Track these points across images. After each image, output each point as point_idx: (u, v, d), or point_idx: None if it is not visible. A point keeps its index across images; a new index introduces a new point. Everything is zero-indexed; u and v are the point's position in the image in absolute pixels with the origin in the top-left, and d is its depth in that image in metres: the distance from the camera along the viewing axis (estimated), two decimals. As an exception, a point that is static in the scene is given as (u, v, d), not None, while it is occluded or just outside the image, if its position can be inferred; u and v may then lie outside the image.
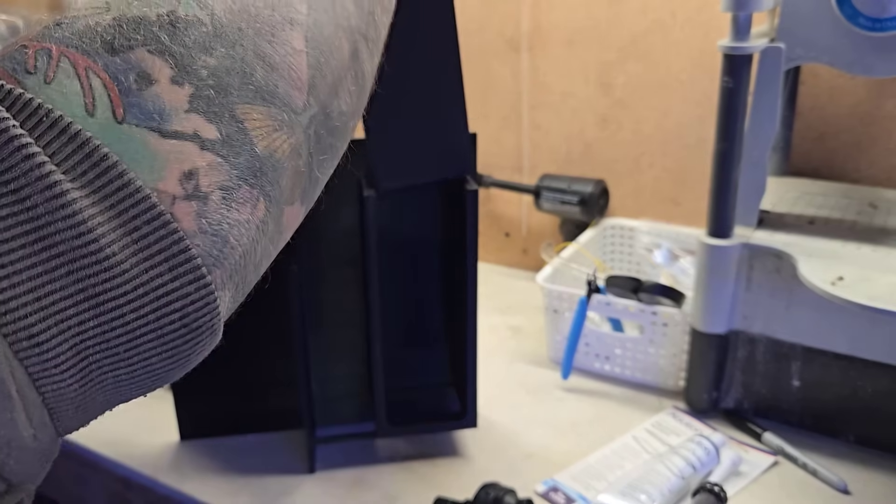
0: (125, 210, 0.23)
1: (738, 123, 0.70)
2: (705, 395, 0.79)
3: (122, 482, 0.77)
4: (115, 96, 0.24)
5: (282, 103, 0.28)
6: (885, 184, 0.90)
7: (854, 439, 0.74)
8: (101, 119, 0.24)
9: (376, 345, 0.70)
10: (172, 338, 0.25)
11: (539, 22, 1.06)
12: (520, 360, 0.94)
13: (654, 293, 0.81)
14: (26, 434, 0.23)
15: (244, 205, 0.27)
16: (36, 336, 0.22)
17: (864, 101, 0.89)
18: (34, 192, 0.22)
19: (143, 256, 0.23)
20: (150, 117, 0.24)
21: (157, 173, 0.24)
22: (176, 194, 0.24)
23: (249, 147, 0.27)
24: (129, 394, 0.27)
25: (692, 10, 0.95)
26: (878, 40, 0.64)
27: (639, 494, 0.66)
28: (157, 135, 0.24)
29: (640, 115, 1.03)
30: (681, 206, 1.04)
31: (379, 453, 0.76)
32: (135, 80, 0.24)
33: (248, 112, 0.27)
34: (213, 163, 0.25)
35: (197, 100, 0.25)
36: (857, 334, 0.70)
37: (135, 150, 0.24)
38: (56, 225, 0.22)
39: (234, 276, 0.27)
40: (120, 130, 0.24)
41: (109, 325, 0.24)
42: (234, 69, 0.26)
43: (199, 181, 0.25)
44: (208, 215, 0.25)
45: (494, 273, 1.17)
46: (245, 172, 0.26)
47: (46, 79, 0.24)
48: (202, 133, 0.25)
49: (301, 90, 0.29)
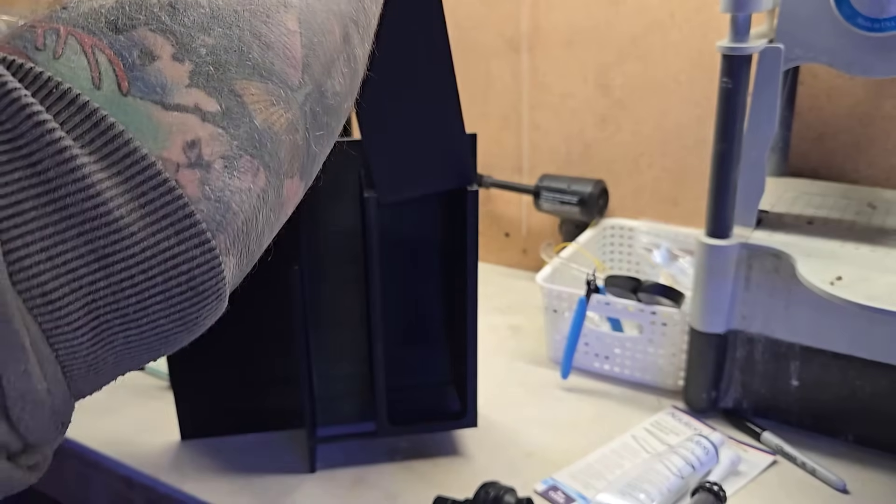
0: (132, 176, 0.24)
1: (737, 124, 0.70)
2: (704, 394, 0.79)
3: (124, 482, 0.77)
4: (120, 71, 0.25)
5: (278, 80, 0.29)
6: (883, 184, 0.90)
7: (853, 439, 0.75)
8: (107, 92, 0.25)
9: (377, 344, 0.70)
10: (179, 300, 0.26)
11: (539, 22, 1.06)
12: (519, 359, 0.94)
13: (654, 293, 0.82)
14: (40, 387, 0.24)
15: (245, 173, 0.28)
16: (49, 294, 0.23)
17: (863, 101, 0.89)
18: (45, 157, 0.23)
19: (150, 220, 0.24)
20: (154, 90, 0.26)
21: (161, 143, 0.25)
22: (180, 162, 0.25)
23: (248, 120, 0.28)
24: (139, 356, 0.28)
25: (691, 10, 0.95)
26: (877, 40, 0.65)
27: (638, 493, 0.66)
28: (160, 107, 0.25)
29: (640, 116, 1.03)
30: (680, 207, 1.04)
31: (379, 452, 0.77)
32: (138, 56, 0.26)
33: (246, 87, 0.28)
34: (214, 133, 0.27)
35: (197, 75, 0.27)
36: (855, 334, 0.70)
37: (139, 121, 0.25)
38: (67, 188, 0.23)
39: (237, 242, 0.28)
40: (125, 102, 0.25)
41: (119, 286, 0.24)
42: (231, 48, 0.28)
43: (202, 150, 0.26)
44: (211, 182, 0.26)
45: (494, 273, 1.18)
46: (245, 143, 0.28)
47: (55, 55, 0.25)
48: (203, 106, 0.26)
49: (296, 68, 0.30)
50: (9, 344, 0.22)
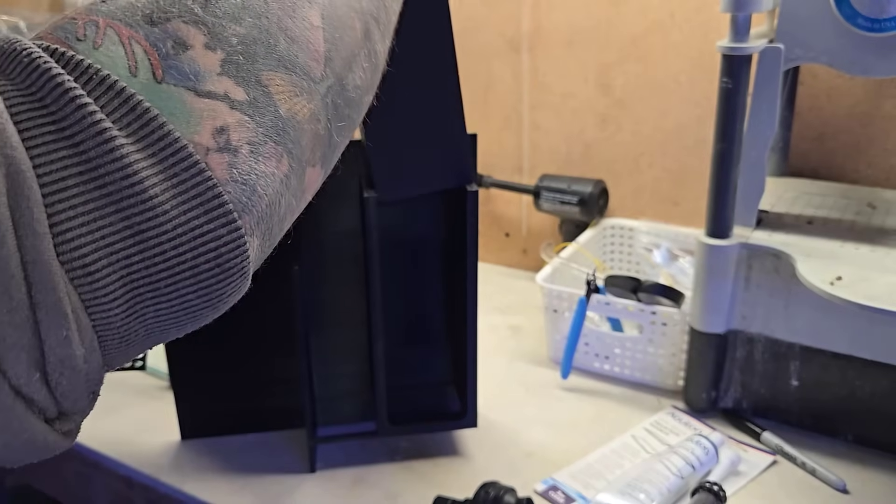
0: (165, 157, 0.26)
1: (737, 124, 0.70)
2: (704, 394, 0.79)
3: (125, 482, 0.77)
4: (155, 60, 0.27)
5: (302, 72, 0.31)
6: (883, 184, 0.90)
7: (852, 438, 0.75)
8: (142, 79, 0.26)
9: (377, 344, 0.70)
10: (207, 276, 0.28)
11: (539, 22, 1.06)
12: (519, 359, 0.94)
13: (654, 293, 0.82)
14: (78, 353, 0.25)
15: (270, 159, 0.29)
16: (89, 266, 0.25)
17: (863, 101, 0.89)
18: (87, 138, 0.24)
19: (181, 199, 0.26)
20: (187, 78, 0.27)
21: (192, 127, 0.27)
22: (209, 146, 0.27)
23: (273, 109, 0.29)
24: (167, 330, 0.29)
25: (691, 10, 0.95)
26: (877, 41, 0.65)
27: (638, 493, 0.66)
28: (192, 93, 0.27)
29: (640, 116, 1.03)
30: (680, 207, 1.04)
31: (379, 452, 0.77)
32: (172, 46, 0.27)
33: (272, 78, 0.30)
34: (241, 121, 0.28)
35: (227, 64, 0.28)
36: (855, 334, 0.70)
37: (173, 106, 0.27)
38: (106, 167, 0.25)
39: (261, 223, 0.30)
40: (160, 89, 0.27)
41: (152, 261, 0.26)
42: (259, 39, 0.30)
43: (230, 136, 0.28)
44: (238, 166, 0.28)
45: (494, 273, 1.18)
46: (270, 131, 0.29)
47: (95, 45, 0.26)
48: (232, 94, 0.28)
49: (318, 61, 0.32)
50: (53, 310, 0.24)
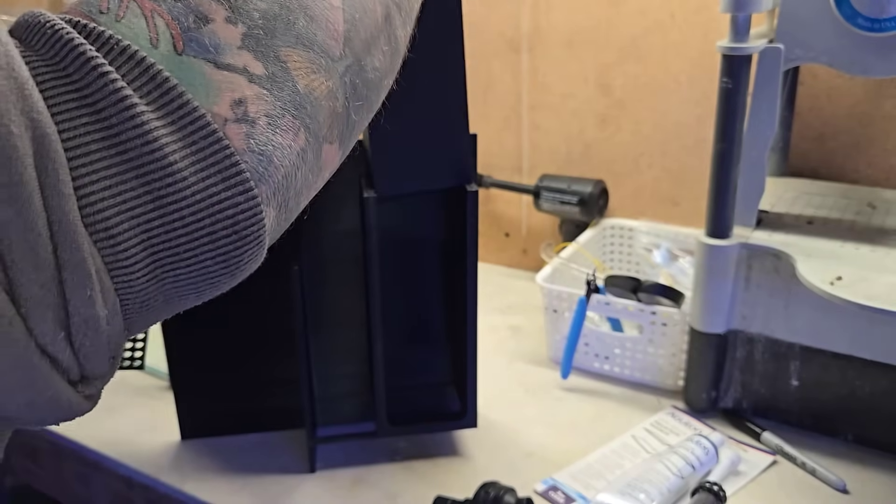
0: (184, 126, 0.27)
1: (737, 124, 0.70)
2: (704, 394, 0.79)
3: (124, 482, 0.77)
4: (176, 32, 0.28)
5: (320, 50, 0.32)
6: (883, 184, 0.90)
7: (852, 438, 0.75)
8: (163, 51, 0.27)
9: (377, 344, 0.70)
10: (224, 242, 0.28)
11: (539, 23, 1.06)
12: (519, 359, 0.94)
13: (654, 293, 0.82)
14: (102, 314, 0.26)
15: (287, 132, 0.30)
16: (111, 229, 0.26)
17: (863, 101, 0.89)
18: (108, 105, 0.25)
19: (200, 167, 0.27)
20: (207, 50, 0.28)
21: (211, 98, 0.28)
22: (228, 117, 0.28)
23: (291, 84, 0.30)
24: (186, 297, 0.30)
25: (691, 11, 0.95)
26: (877, 41, 0.65)
27: (638, 493, 0.66)
28: (212, 66, 0.28)
29: (640, 116, 1.03)
30: (680, 207, 1.04)
31: (379, 452, 0.77)
32: (193, 20, 0.28)
33: (290, 54, 0.30)
34: (259, 94, 0.29)
35: (248, 38, 0.29)
36: (855, 334, 0.70)
37: (193, 78, 0.27)
38: (127, 134, 0.25)
39: (277, 194, 0.30)
40: (180, 61, 0.27)
41: (171, 226, 0.27)
42: (280, 16, 0.30)
43: (248, 108, 0.29)
44: (255, 137, 0.29)
45: (494, 273, 1.18)
46: (287, 105, 0.30)
47: (117, 17, 0.27)
48: (250, 68, 0.29)
49: (337, 41, 0.32)
50: (78, 270, 0.25)
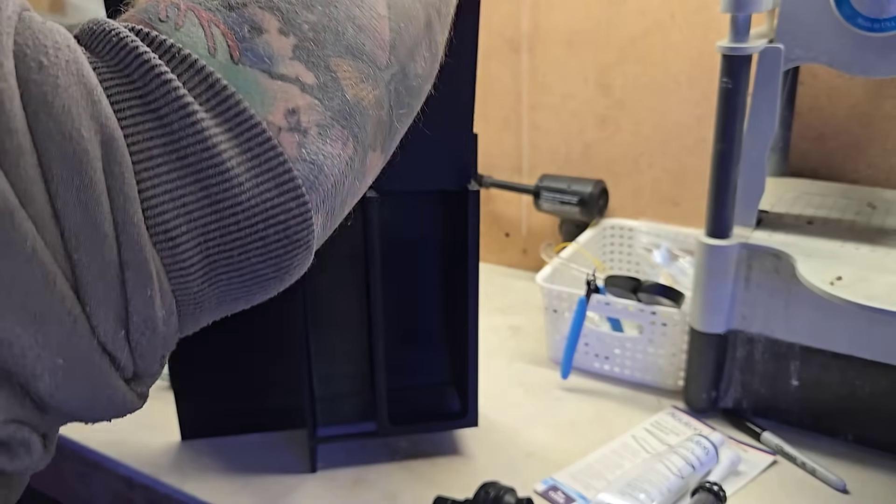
0: (241, 133, 0.28)
1: (737, 124, 0.70)
2: (704, 394, 0.79)
3: (125, 482, 0.77)
4: (232, 42, 0.29)
5: (368, 59, 0.32)
6: (883, 184, 0.90)
7: (852, 438, 0.75)
8: (221, 59, 0.28)
9: (378, 344, 0.70)
10: (275, 246, 0.29)
11: (539, 23, 1.06)
12: (520, 359, 0.94)
13: (654, 293, 0.82)
14: (159, 315, 0.27)
15: (336, 141, 0.31)
16: (170, 231, 0.26)
17: (863, 101, 0.89)
18: (170, 112, 0.26)
19: (255, 173, 0.28)
20: (262, 60, 0.29)
21: (266, 107, 0.28)
22: (282, 126, 0.29)
23: (341, 94, 0.31)
24: (236, 299, 0.31)
25: (691, 11, 0.95)
26: (877, 41, 0.65)
27: (638, 493, 0.66)
28: (266, 75, 0.29)
29: (640, 116, 1.03)
30: (680, 207, 1.04)
31: (379, 452, 0.77)
32: (248, 30, 0.29)
33: (339, 64, 0.31)
34: (311, 104, 0.30)
35: (299, 49, 0.30)
36: (855, 334, 0.70)
37: (249, 87, 0.28)
38: (188, 139, 0.26)
39: (325, 202, 0.31)
40: (237, 70, 0.28)
41: (227, 230, 0.28)
42: (329, 27, 0.31)
43: (301, 117, 0.29)
44: (307, 146, 0.30)
45: (494, 273, 1.18)
46: (337, 115, 0.31)
47: (176, 26, 0.28)
48: (302, 78, 0.30)
49: (384, 50, 0.33)
50: (140, 270, 0.26)
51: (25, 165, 0.23)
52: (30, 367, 0.24)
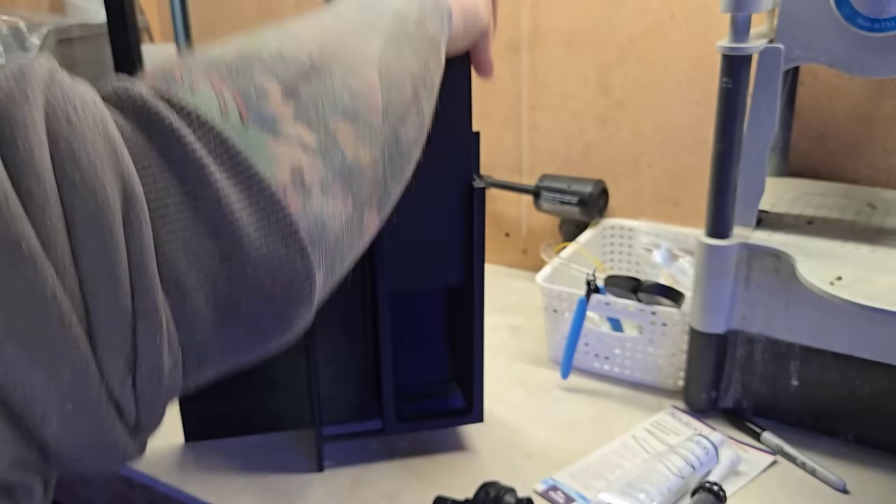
0: (251, 191, 0.29)
1: (737, 124, 0.70)
2: (704, 394, 0.79)
3: (125, 482, 0.77)
4: (242, 106, 0.30)
5: (364, 123, 0.35)
6: (883, 184, 0.90)
7: (852, 438, 0.75)
8: (232, 122, 0.30)
9: (385, 343, 0.70)
10: (279, 300, 0.30)
11: (539, 23, 1.06)
12: (520, 359, 0.94)
13: (654, 293, 0.82)
14: (166, 365, 0.27)
15: (337, 199, 0.33)
16: (181, 282, 0.27)
17: (863, 101, 0.89)
18: (188, 170, 0.28)
19: (264, 230, 0.29)
20: (267, 123, 0.31)
21: (273, 167, 0.30)
22: (287, 184, 0.30)
23: (340, 154, 0.33)
24: (239, 352, 0.32)
25: (691, 11, 0.95)
26: (877, 41, 0.65)
27: (638, 493, 0.66)
28: (272, 137, 0.31)
29: (640, 116, 1.03)
30: (680, 207, 1.04)
31: (380, 452, 0.77)
32: (255, 95, 0.31)
33: (338, 126, 0.33)
34: (314, 163, 0.32)
35: (300, 113, 0.32)
36: (855, 334, 0.70)
37: (256, 147, 0.30)
38: (203, 195, 0.28)
39: (327, 257, 0.32)
40: (245, 131, 0.30)
41: (235, 282, 0.29)
42: (326, 94, 0.33)
43: (304, 176, 0.31)
44: (311, 203, 0.31)
45: (494, 273, 1.18)
46: (338, 174, 0.33)
47: (192, 90, 0.30)
48: (305, 139, 0.32)
49: (378, 114, 0.36)
50: (151, 319, 0.26)
51: (50, 214, 0.25)
52: (40, 410, 0.25)
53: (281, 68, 0.32)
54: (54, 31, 1.31)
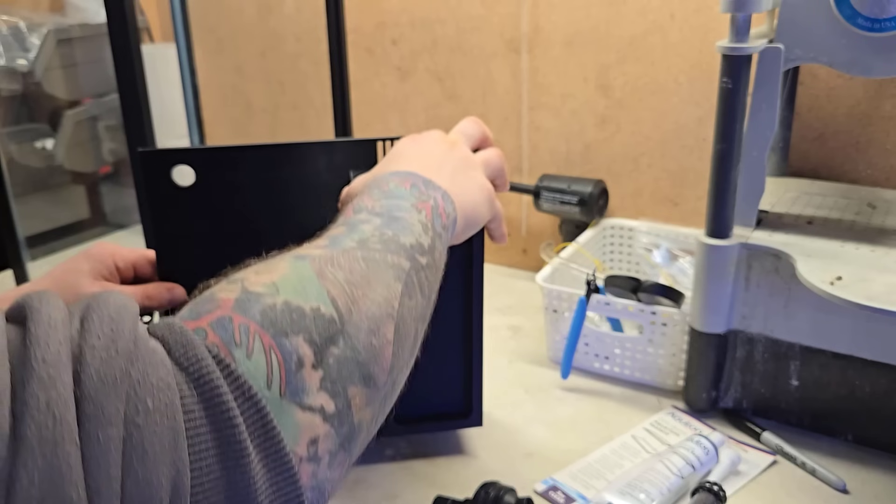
0: (274, 465, 0.31)
1: (737, 124, 0.70)
2: (704, 394, 0.79)
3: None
4: (283, 375, 0.32)
5: (374, 384, 0.36)
6: (883, 184, 0.90)
7: (852, 438, 0.75)
8: (273, 393, 0.32)
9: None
10: None
11: (539, 23, 1.06)
12: (520, 359, 0.94)
13: (654, 293, 0.82)
14: None
15: (340, 466, 0.35)
16: None
17: (863, 101, 0.89)
18: (230, 452, 0.30)
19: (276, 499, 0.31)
20: (297, 393, 0.33)
21: (295, 440, 0.32)
22: (302, 457, 0.33)
23: (350, 419, 0.35)
24: None
25: (691, 11, 0.95)
26: (877, 41, 0.65)
27: (638, 493, 0.66)
28: (299, 407, 0.33)
29: (639, 116, 1.03)
30: (680, 207, 1.04)
31: (380, 453, 0.77)
32: (295, 363, 0.33)
33: (354, 392, 0.35)
34: (328, 432, 0.34)
35: (325, 381, 0.34)
36: (855, 334, 0.70)
37: (286, 419, 0.32)
38: (235, 477, 0.30)
39: None
40: (281, 403, 0.32)
41: None
42: (349, 359, 0.35)
43: (318, 447, 0.33)
44: (318, 475, 0.33)
45: (494, 273, 1.18)
46: (344, 440, 0.35)
47: (248, 354, 0.32)
48: (325, 407, 0.34)
49: (385, 373, 0.37)
50: None
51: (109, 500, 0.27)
52: None
53: (315, 328, 0.34)
54: (54, 31, 1.31)
